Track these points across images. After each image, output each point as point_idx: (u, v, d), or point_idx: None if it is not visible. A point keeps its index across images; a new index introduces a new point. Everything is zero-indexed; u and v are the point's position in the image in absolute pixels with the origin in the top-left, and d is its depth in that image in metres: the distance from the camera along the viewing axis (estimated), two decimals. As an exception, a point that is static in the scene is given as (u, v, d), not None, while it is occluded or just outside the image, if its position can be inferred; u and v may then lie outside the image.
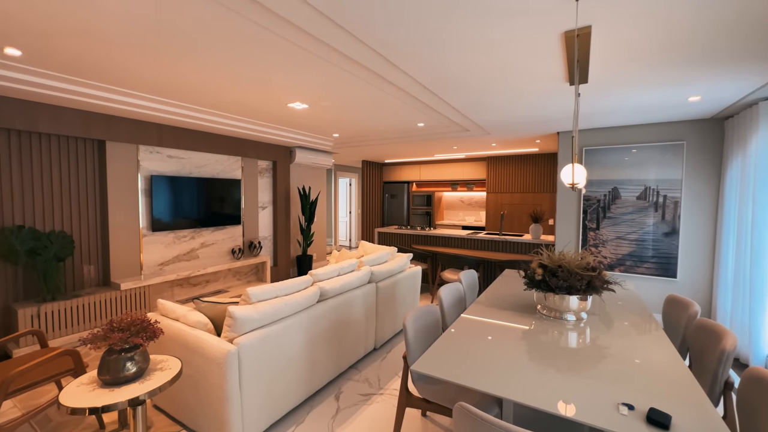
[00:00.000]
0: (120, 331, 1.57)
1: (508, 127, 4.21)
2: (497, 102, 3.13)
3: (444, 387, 1.84)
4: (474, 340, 1.76)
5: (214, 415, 1.86)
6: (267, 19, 1.72)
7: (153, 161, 3.95)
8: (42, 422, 2.13)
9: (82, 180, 3.44)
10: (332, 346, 2.50)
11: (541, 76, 2.43)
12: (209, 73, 2.50)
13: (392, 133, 4.79)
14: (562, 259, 2.01)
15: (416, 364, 1.49)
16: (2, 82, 2.50)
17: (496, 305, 2.30)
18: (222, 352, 1.78)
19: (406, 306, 3.59)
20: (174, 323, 2.09)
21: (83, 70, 2.49)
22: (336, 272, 2.75)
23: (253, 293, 2.07)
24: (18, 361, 2.05)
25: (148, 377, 1.62)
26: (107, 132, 3.46)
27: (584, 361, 1.55)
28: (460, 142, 5.33)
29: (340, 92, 2.91)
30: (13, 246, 2.89)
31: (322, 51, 2.08)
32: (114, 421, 2.14)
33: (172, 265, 4.18)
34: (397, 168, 8.47)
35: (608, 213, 4.06)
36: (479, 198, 7.85)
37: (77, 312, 3.20)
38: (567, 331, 1.90)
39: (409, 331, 1.81)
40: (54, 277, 3.10)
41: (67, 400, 1.44)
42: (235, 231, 4.94)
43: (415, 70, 2.39)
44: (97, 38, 1.97)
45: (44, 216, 3.21)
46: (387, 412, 2.25)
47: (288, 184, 5.68)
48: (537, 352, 1.65)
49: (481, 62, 2.21)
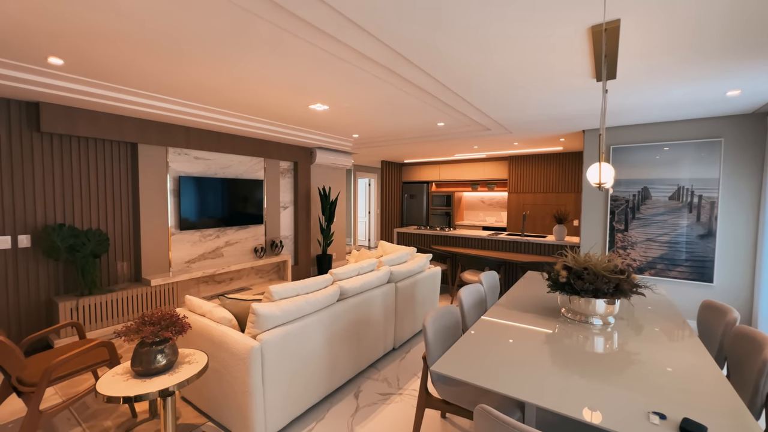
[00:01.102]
0: (151, 325, 1.65)
1: (532, 125, 4.11)
2: (520, 100, 3.07)
3: (464, 389, 1.82)
4: (495, 343, 1.73)
5: (238, 409, 1.91)
6: (290, 23, 1.76)
7: (181, 162, 4.11)
8: (80, 409, 2.25)
9: (116, 181, 3.63)
10: (352, 344, 2.52)
11: (566, 73, 2.37)
12: (234, 76, 2.57)
13: (412, 133, 4.78)
14: (588, 261, 1.95)
15: (436, 364, 1.48)
16: (47, 89, 2.68)
17: (518, 308, 2.26)
18: (246, 347, 1.84)
19: (426, 306, 3.57)
20: (200, 318, 2.17)
21: (117, 76, 2.63)
22: (356, 272, 2.77)
23: (276, 291, 2.12)
24: (58, 351, 2.18)
25: (177, 370, 1.69)
26: (139, 135, 3.63)
27: (611, 367, 1.50)
28: (480, 142, 5.25)
29: (360, 93, 2.94)
30: (55, 243, 3.07)
31: (344, 52, 2.10)
32: (145, 410, 2.24)
33: (198, 263, 4.33)
34: (417, 168, 8.43)
35: (638, 214, 3.89)
36: (500, 198, 7.70)
37: (112, 306, 3.37)
38: (593, 335, 1.84)
39: (429, 332, 1.80)
40: (91, 273, 3.28)
41: (104, 389, 1.52)
42: (258, 230, 5.07)
43: (437, 70, 2.37)
44: (130, 46, 2.07)
45: (82, 215, 3.40)
46: (406, 412, 2.25)
47: (308, 185, 5.77)
48: (561, 356, 1.61)
49: (505, 60, 2.17)
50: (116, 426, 2.10)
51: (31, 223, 3.10)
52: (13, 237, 3.01)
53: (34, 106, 3.04)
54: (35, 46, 2.10)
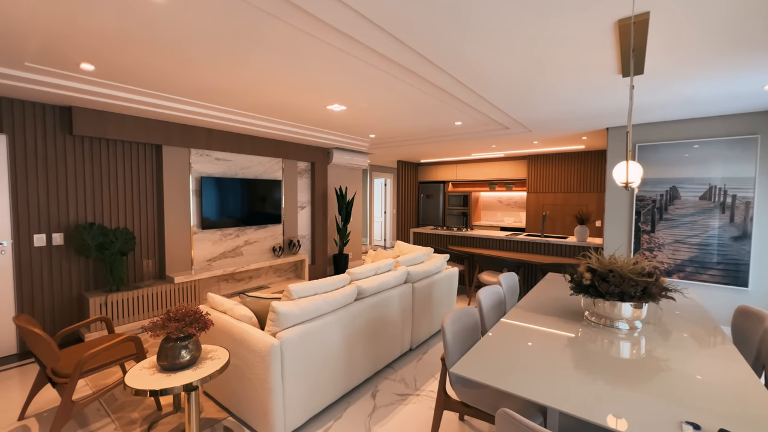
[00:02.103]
0: (176, 321, 1.70)
1: (553, 123, 4.02)
2: (541, 98, 3.00)
3: (483, 391, 1.80)
4: (516, 346, 1.70)
5: (258, 405, 1.95)
6: (310, 24, 1.78)
7: (203, 163, 4.22)
8: (109, 401, 2.35)
9: (142, 181, 3.76)
10: (369, 344, 2.53)
11: (590, 69, 2.30)
12: (254, 78, 2.62)
13: (429, 133, 4.75)
14: (614, 263, 1.88)
15: (456, 366, 1.46)
16: (79, 94, 2.81)
17: (539, 310, 2.21)
18: (266, 345, 1.87)
19: (443, 307, 3.54)
20: (222, 316, 2.22)
21: (143, 80, 2.72)
22: (373, 271, 2.77)
23: (295, 290, 2.14)
24: (89, 345, 2.28)
25: (200, 365, 1.73)
26: (164, 137, 3.75)
27: (638, 374, 1.44)
28: (499, 141, 5.17)
29: (378, 93, 2.94)
30: (85, 241, 3.22)
31: (362, 53, 2.11)
32: (169, 403, 2.31)
33: (219, 261, 4.44)
34: (433, 168, 8.38)
35: (665, 214, 3.74)
36: (519, 198, 7.56)
37: (138, 302, 3.49)
38: (618, 340, 1.77)
39: (448, 333, 1.79)
40: (119, 270, 3.41)
41: (132, 382, 1.58)
42: (276, 230, 5.15)
43: (456, 68, 2.35)
44: (154, 51, 2.14)
45: (110, 214, 3.54)
46: (423, 413, 2.24)
47: (325, 185, 5.83)
48: (584, 360, 1.56)
49: (526, 57, 2.13)
50: (143, 418, 2.17)
51: (64, 221, 3.26)
52: (48, 235, 3.17)
53: (67, 111, 3.19)
54: (69, 53, 2.21)
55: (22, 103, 2.98)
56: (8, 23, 1.80)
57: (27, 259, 3.08)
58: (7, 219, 2.97)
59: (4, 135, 2.93)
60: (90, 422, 2.13)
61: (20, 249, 3.04)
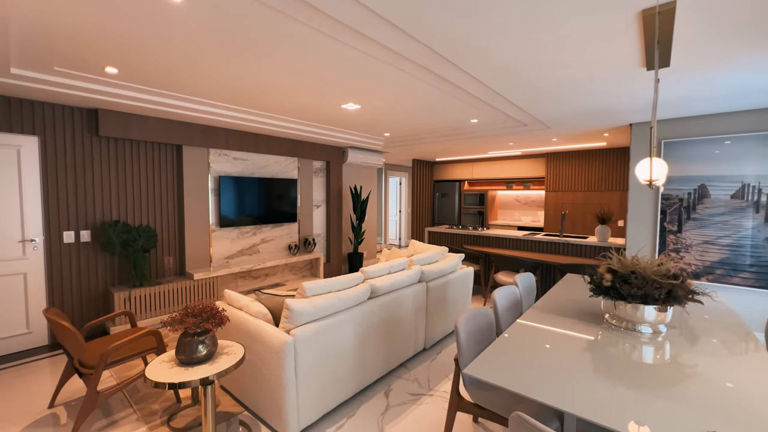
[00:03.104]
0: (193, 317, 1.74)
1: (573, 120, 3.90)
2: (560, 94, 2.91)
3: (497, 394, 1.76)
4: (532, 348, 1.65)
5: (272, 400, 1.97)
6: (325, 24, 1.78)
7: (221, 163, 4.32)
8: (131, 392, 2.44)
9: (163, 180, 3.88)
10: (382, 343, 2.53)
11: (613, 62, 2.21)
12: (270, 78, 2.66)
13: (444, 131, 4.70)
14: (636, 264, 1.81)
15: (469, 367, 1.44)
16: (104, 96, 2.92)
17: (557, 312, 2.15)
18: (280, 341, 1.89)
19: (457, 307, 3.50)
20: (238, 312, 2.26)
21: (163, 82, 2.80)
22: (386, 270, 2.77)
23: (309, 287, 2.16)
24: (113, 338, 2.37)
25: (217, 360, 1.77)
26: (184, 137, 3.86)
27: (662, 380, 1.38)
28: (516, 138, 5.06)
29: (392, 91, 2.93)
30: (110, 238, 3.34)
31: (377, 51, 2.10)
32: (188, 396, 2.38)
33: (236, 259, 4.53)
34: (449, 166, 8.29)
35: (693, 214, 3.57)
36: (537, 197, 7.39)
37: (159, 297, 3.61)
38: (641, 344, 1.70)
39: (461, 333, 1.76)
40: (141, 266, 3.53)
41: (152, 375, 1.63)
42: (292, 228, 5.22)
43: (472, 65, 2.31)
44: (175, 53, 2.20)
45: (134, 212, 3.67)
46: (437, 414, 2.21)
47: (340, 184, 5.86)
48: (604, 365, 1.50)
49: (547, 50, 2.06)
50: (163, 410, 2.24)
51: (91, 219, 3.40)
52: (76, 232, 3.32)
53: (94, 113, 3.32)
54: (94, 57, 2.29)
55: (52, 106, 3.12)
56: (38, 27, 1.88)
57: (57, 255, 3.22)
58: (39, 217, 3.12)
59: (36, 137, 3.08)
60: (114, 412, 2.22)
61: (51, 245, 3.19)
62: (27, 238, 3.08)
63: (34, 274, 3.12)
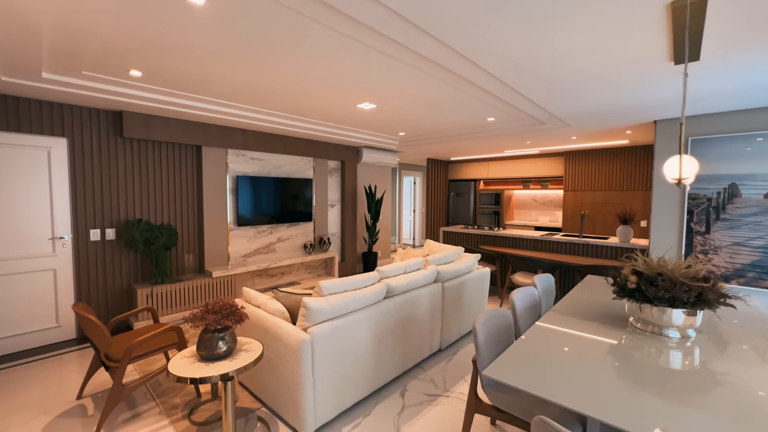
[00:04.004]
0: (214, 314, 1.77)
1: (593, 117, 3.79)
2: (582, 90, 2.84)
3: (517, 396, 1.73)
4: (553, 351, 1.62)
5: (289, 397, 2.00)
6: (345, 25, 1.78)
7: (238, 163, 4.40)
8: (154, 386, 2.51)
9: (183, 180, 3.98)
10: (398, 342, 2.52)
11: (639, 56, 2.13)
12: (288, 79, 2.68)
13: (460, 130, 4.65)
14: (663, 266, 1.74)
15: (489, 369, 1.42)
16: (128, 99, 3.01)
17: (578, 314, 2.09)
18: (297, 339, 1.91)
19: (474, 308, 3.46)
20: (256, 310, 2.30)
21: (184, 84, 2.86)
22: (402, 270, 2.76)
23: (325, 286, 2.17)
24: (137, 333, 2.44)
25: (236, 356, 1.80)
26: (203, 138, 3.95)
27: (690, 387, 1.33)
28: (534, 137, 4.96)
29: (408, 90, 2.91)
30: (134, 236, 3.45)
31: (395, 50, 2.09)
32: (208, 391, 2.43)
33: (253, 257, 4.61)
34: (464, 165, 8.21)
35: (723, 214, 3.42)
36: (554, 196, 7.23)
37: (180, 294, 3.70)
38: (668, 349, 1.64)
39: (480, 335, 1.74)
40: (163, 263, 3.63)
41: (174, 370, 1.67)
42: (307, 227, 5.27)
43: (490, 62, 2.27)
44: (195, 56, 2.25)
45: (156, 211, 3.78)
46: (453, 415, 2.19)
47: (355, 183, 5.88)
48: (629, 370, 1.45)
49: (569, 44, 2.01)
50: (184, 403, 2.30)
51: (115, 218, 3.52)
52: (101, 230, 3.44)
53: (118, 115, 3.43)
54: (119, 61, 2.36)
55: (80, 108, 3.24)
56: (69, 34, 1.96)
57: (84, 252, 3.35)
58: (67, 215, 3.25)
59: (65, 138, 3.21)
60: (137, 405, 2.29)
61: (78, 243, 3.32)
62: (56, 236, 3.21)
63: (63, 270, 3.25)
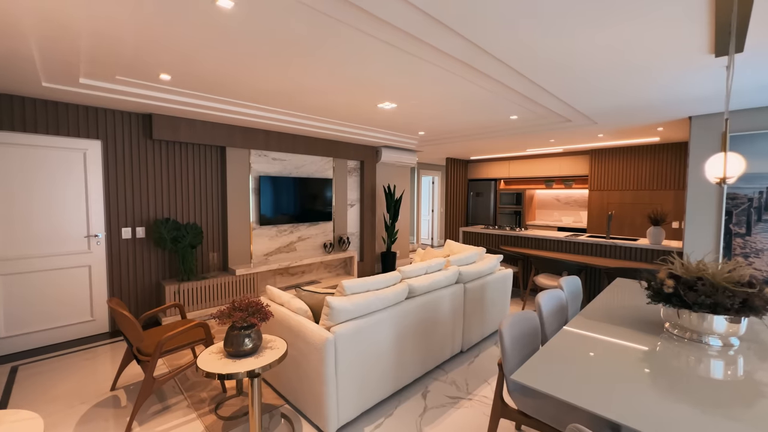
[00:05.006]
0: (240, 311, 1.81)
1: (623, 114, 3.65)
2: (611, 86, 2.73)
3: (544, 402, 1.68)
4: (583, 356, 1.56)
5: (312, 395, 2.01)
6: (366, 23, 1.78)
7: (261, 163, 4.48)
8: (181, 380, 2.58)
9: (208, 180, 4.09)
10: (419, 343, 2.50)
11: (676, 48, 2.03)
12: (311, 80, 2.71)
13: (481, 128, 4.58)
14: (703, 269, 1.65)
15: (518, 374, 1.38)
16: (158, 102, 3.12)
17: (608, 319, 2.01)
18: (321, 338, 1.92)
19: (496, 310, 3.39)
20: (279, 308, 2.33)
21: (210, 86, 2.94)
22: (423, 270, 2.74)
23: (348, 286, 2.18)
24: (166, 328, 2.52)
25: (261, 354, 1.83)
26: (227, 139, 4.04)
27: (734, 398, 1.25)
28: (558, 135, 4.82)
29: (430, 89, 2.88)
30: (162, 234, 3.57)
31: (419, 49, 2.07)
32: (233, 387, 2.48)
33: (274, 256, 4.69)
34: (484, 165, 8.08)
35: (765, 215, 3.22)
36: (579, 196, 7.01)
37: (205, 291, 3.81)
38: (708, 357, 1.55)
39: (506, 338, 1.70)
40: (189, 261, 3.74)
41: (203, 365, 1.72)
42: (327, 227, 5.31)
43: (515, 58, 2.22)
44: (220, 57, 2.30)
45: (182, 210, 3.90)
46: (477, 419, 2.16)
47: (374, 183, 5.88)
48: (665, 378, 1.38)
49: (599, 40, 1.94)
50: (210, 398, 2.36)
51: (145, 217, 3.65)
52: (132, 229, 3.58)
53: (148, 118, 3.56)
54: (151, 66, 2.45)
55: (113, 112, 3.38)
56: (105, 41, 2.04)
57: (117, 249, 3.50)
58: (101, 214, 3.40)
59: (99, 141, 3.35)
60: (167, 398, 2.36)
61: (111, 241, 3.46)
62: (91, 234, 3.36)
63: (97, 266, 3.41)
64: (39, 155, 3.08)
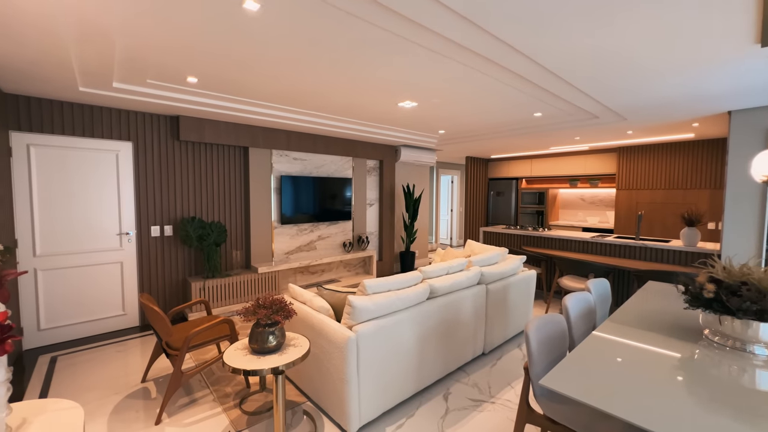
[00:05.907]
0: (265, 309, 1.83)
1: (655, 109, 3.48)
2: (645, 79, 2.61)
3: (574, 408, 1.62)
4: (615, 363, 1.50)
5: (334, 394, 2.02)
6: (388, 20, 1.77)
7: (282, 163, 4.55)
8: (207, 374, 2.66)
9: (232, 180, 4.19)
10: (440, 345, 2.47)
11: (716, 38, 1.91)
12: (334, 79, 2.72)
13: (504, 126, 4.48)
14: (748, 274, 1.55)
15: (547, 379, 1.34)
16: (185, 104, 3.22)
17: (640, 324, 1.92)
18: (343, 337, 1.93)
19: (519, 312, 3.31)
20: (301, 306, 2.35)
21: (234, 88, 3.00)
22: (445, 271, 2.70)
23: (370, 285, 2.18)
24: (192, 324, 2.59)
25: (285, 351, 1.85)
26: (250, 139, 4.13)
27: (789, 413, 1.16)
28: (584, 132, 4.66)
29: (451, 86, 2.84)
30: (189, 232, 3.69)
31: (440, 46, 2.04)
32: (256, 382, 2.53)
33: (295, 254, 4.75)
34: (505, 163, 7.92)
35: (813, 216, 3.00)
36: (605, 195, 6.76)
37: (228, 288, 3.91)
38: (753, 367, 1.46)
39: (532, 341, 1.65)
40: (214, 259, 3.85)
41: (229, 361, 1.75)
42: (346, 226, 5.34)
43: (543, 54, 2.15)
44: (245, 58, 2.34)
45: (207, 209, 4.01)
46: (500, 423, 2.11)
47: (393, 182, 5.87)
48: (704, 388, 1.31)
49: (634, 31, 1.85)
50: (235, 393, 2.41)
51: (173, 216, 3.77)
52: (161, 227, 3.71)
53: (176, 119, 3.68)
54: (179, 69, 2.52)
55: (143, 114, 3.52)
56: (137, 46, 2.12)
57: (146, 246, 3.63)
58: (132, 213, 3.54)
59: (131, 142, 3.49)
60: (194, 391, 2.43)
61: (141, 238, 3.60)
62: (123, 232, 3.51)
63: (128, 263, 3.55)
64: (75, 156, 3.24)
